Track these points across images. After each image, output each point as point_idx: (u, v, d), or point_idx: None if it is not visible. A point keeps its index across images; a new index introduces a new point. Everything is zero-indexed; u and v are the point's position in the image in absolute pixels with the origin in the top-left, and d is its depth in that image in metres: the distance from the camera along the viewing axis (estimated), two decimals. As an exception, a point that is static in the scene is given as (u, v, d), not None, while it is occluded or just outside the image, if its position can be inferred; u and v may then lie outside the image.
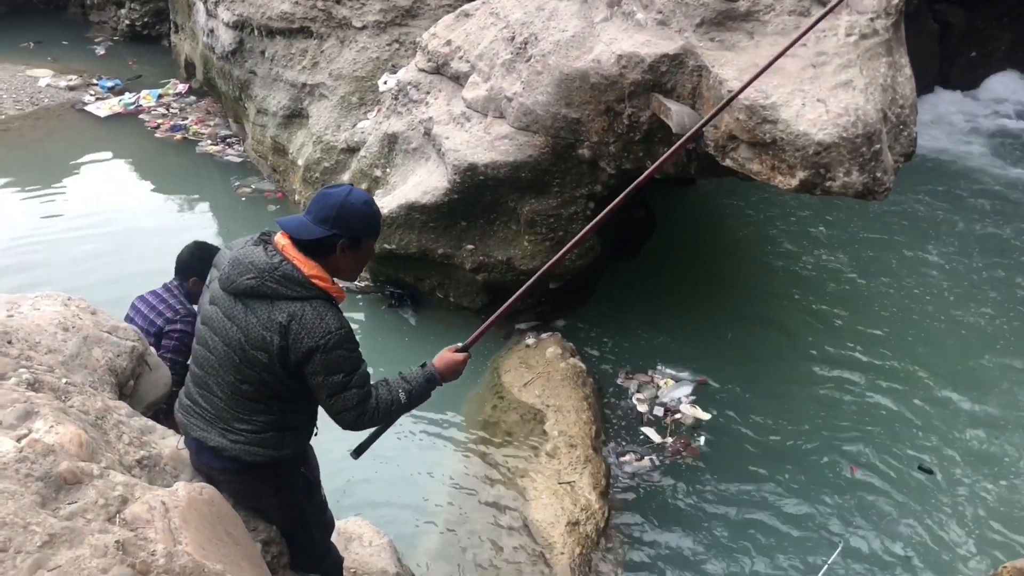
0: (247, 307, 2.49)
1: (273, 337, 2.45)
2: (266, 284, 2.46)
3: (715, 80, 5.28)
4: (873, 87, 5.13)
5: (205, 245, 4.35)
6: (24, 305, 3.12)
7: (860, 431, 6.09)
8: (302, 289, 2.47)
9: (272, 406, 2.60)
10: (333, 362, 2.48)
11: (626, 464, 5.76)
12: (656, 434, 6.02)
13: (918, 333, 7.12)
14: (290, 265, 2.48)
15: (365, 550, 3.74)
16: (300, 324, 2.44)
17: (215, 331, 2.57)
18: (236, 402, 2.59)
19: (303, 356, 2.46)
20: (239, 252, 2.55)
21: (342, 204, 2.51)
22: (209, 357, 2.60)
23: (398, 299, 7.31)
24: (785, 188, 5.15)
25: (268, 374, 2.52)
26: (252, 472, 2.66)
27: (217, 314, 2.57)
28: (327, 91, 8.46)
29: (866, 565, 5.09)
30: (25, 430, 2.24)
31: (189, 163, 10.11)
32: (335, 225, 2.49)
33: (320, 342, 2.44)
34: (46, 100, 11.68)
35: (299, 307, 2.45)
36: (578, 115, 5.95)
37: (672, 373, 6.60)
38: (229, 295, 2.53)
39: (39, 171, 9.76)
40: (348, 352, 2.51)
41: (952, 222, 8.84)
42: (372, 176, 7.48)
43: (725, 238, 8.54)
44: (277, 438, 2.64)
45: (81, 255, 7.93)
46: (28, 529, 1.83)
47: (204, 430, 2.63)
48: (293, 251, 2.50)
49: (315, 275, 2.49)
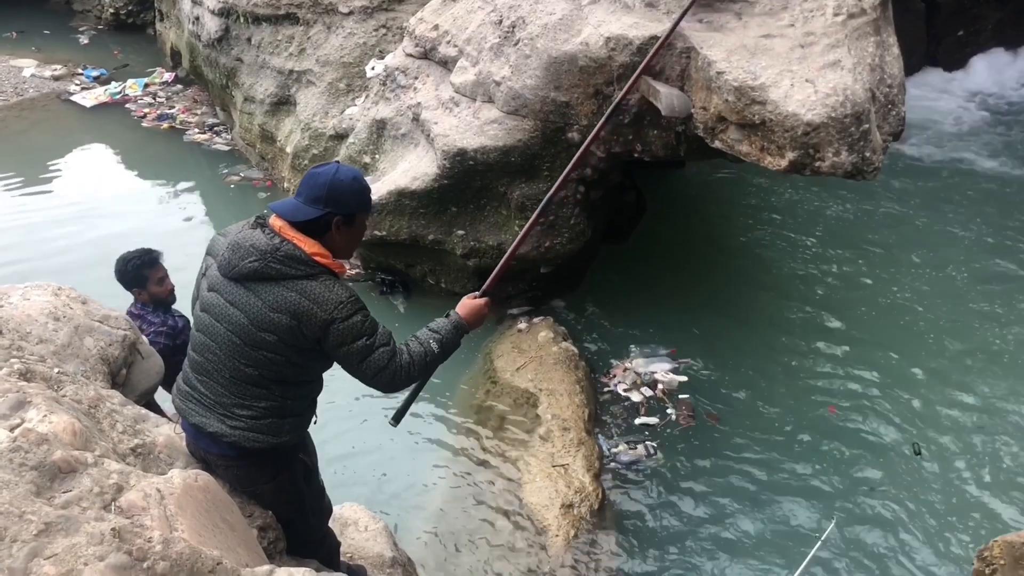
0: (251, 290, 2.50)
1: (282, 318, 2.46)
2: (270, 266, 2.47)
3: (704, 62, 5.28)
4: (861, 67, 5.14)
5: (126, 255, 4.45)
6: (14, 295, 3.11)
7: (847, 409, 6.13)
8: (306, 267, 2.49)
9: (274, 391, 2.60)
10: (352, 329, 2.50)
11: (621, 455, 5.76)
12: (655, 419, 6.05)
13: (907, 316, 7.15)
14: (291, 245, 2.49)
15: (361, 535, 3.75)
16: (311, 300, 2.46)
17: (217, 317, 2.56)
18: (238, 387, 2.59)
19: (320, 331, 2.48)
20: (238, 237, 2.54)
21: (332, 182, 2.51)
22: (209, 343, 2.59)
23: (389, 286, 7.30)
24: (774, 169, 5.15)
25: (275, 354, 2.52)
26: (250, 458, 2.66)
27: (218, 300, 2.56)
28: (314, 78, 8.42)
29: (858, 536, 5.13)
30: (18, 420, 2.23)
31: (176, 152, 10.07)
32: (328, 204, 2.51)
33: (334, 314, 2.47)
34: (31, 90, 11.60)
35: (306, 284, 2.47)
36: (567, 98, 5.94)
37: (647, 351, 6.65)
38: (230, 280, 2.53)
39: (25, 162, 9.71)
40: (364, 317, 2.54)
41: (941, 203, 8.87)
42: (361, 162, 7.46)
43: (715, 221, 8.56)
44: (276, 424, 2.64)
45: (70, 245, 7.90)
46: (23, 518, 1.83)
47: (203, 416, 2.63)
48: (291, 231, 2.52)
49: (316, 252, 2.52)
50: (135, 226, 8.39)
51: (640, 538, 5.22)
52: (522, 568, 4.87)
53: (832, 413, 6.01)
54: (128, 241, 7.91)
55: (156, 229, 8.33)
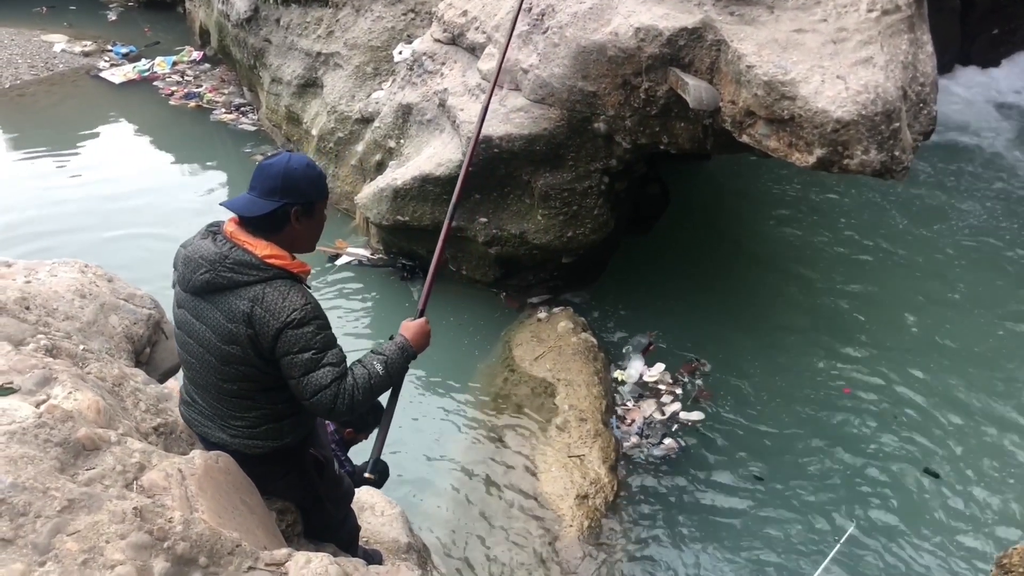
0: (210, 303, 2.41)
1: (240, 328, 2.36)
2: (220, 275, 2.36)
3: (734, 55, 5.23)
4: (894, 64, 5.07)
5: None
6: (41, 272, 3.14)
7: (868, 411, 6.09)
8: (258, 272, 2.37)
9: (259, 400, 2.53)
10: (301, 338, 2.36)
11: (653, 448, 5.77)
12: (677, 404, 6.12)
13: (932, 319, 7.08)
14: (240, 250, 2.38)
15: (377, 519, 3.77)
16: (263, 307, 2.34)
17: (189, 334, 2.49)
18: (225, 400, 2.53)
19: (272, 339, 2.36)
20: (189, 249, 2.46)
21: (285, 172, 2.41)
22: (191, 360, 2.53)
23: (409, 271, 7.31)
24: (802, 165, 5.11)
25: (247, 367, 2.43)
26: (257, 461, 2.62)
27: (186, 316, 2.49)
28: (342, 60, 8.42)
29: (875, 539, 5.11)
30: (44, 396, 2.26)
31: (203, 131, 10.11)
32: (284, 194, 2.39)
33: (285, 319, 2.33)
34: (61, 66, 11.68)
35: (259, 290, 2.35)
36: (594, 88, 5.90)
37: (631, 347, 6.66)
38: (191, 295, 2.45)
39: (54, 137, 9.79)
40: (318, 328, 2.39)
41: (970, 205, 8.73)
42: (386, 147, 7.46)
43: (739, 213, 8.49)
44: (275, 429, 2.59)
45: (95, 223, 7.97)
46: (48, 494, 1.85)
47: (205, 425, 2.60)
48: (243, 235, 2.41)
49: (269, 255, 2.39)
50: (160, 204, 8.46)
51: (653, 531, 5.22)
52: (535, 557, 4.88)
53: (847, 394, 6.01)
54: (152, 218, 8.06)
55: (179, 207, 8.40)
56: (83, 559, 1.77)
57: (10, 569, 1.68)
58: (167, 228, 7.69)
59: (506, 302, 7.13)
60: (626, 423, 5.97)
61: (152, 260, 6.93)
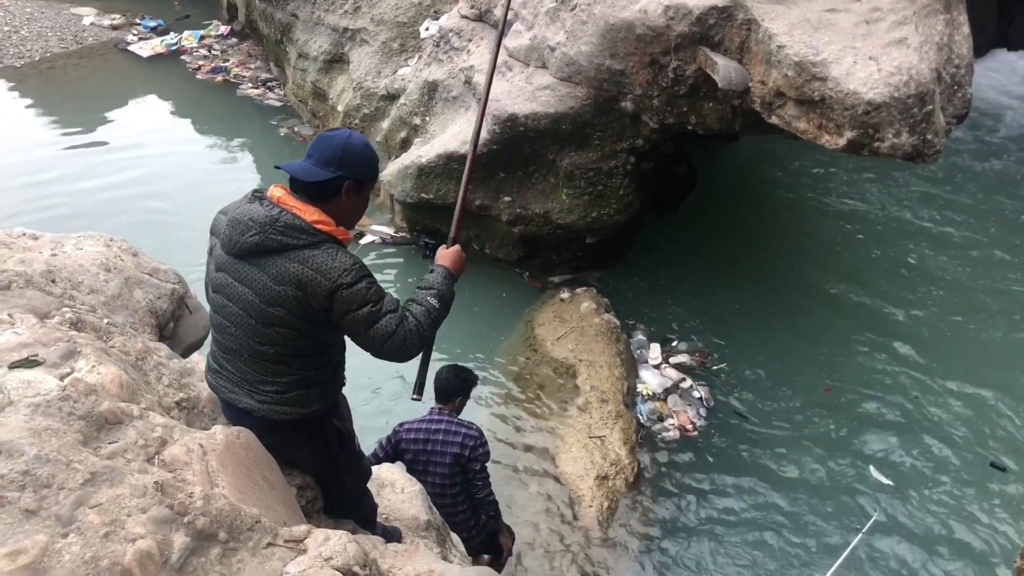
0: (255, 265, 2.45)
1: (288, 289, 2.41)
2: (271, 237, 2.41)
3: (764, 34, 5.14)
4: (928, 45, 4.97)
5: (462, 368, 4.44)
6: (67, 245, 3.15)
7: (891, 402, 6.03)
8: (308, 236, 2.43)
9: (293, 364, 2.58)
10: (357, 295, 2.44)
11: (663, 432, 5.76)
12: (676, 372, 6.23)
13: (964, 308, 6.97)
14: (291, 214, 2.43)
15: (397, 496, 3.77)
16: (314, 269, 2.40)
17: (228, 297, 2.53)
18: (258, 365, 2.57)
19: (326, 300, 2.42)
20: (236, 212, 2.49)
21: (345, 145, 2.47)
22: (226, 324, 2.56)
23: (432, 249, 7.30)
24: (832, 148, 5.03)
25: (287, 328, 2.48)
26: (283, 428, 2.66)
27: (226, 279, 2.52)
28: (368, 36, 8.38)
29: (897, 531, 5.07)
30: (68, 369, 2.27)
31: (229, 105, 10.14)
32: (340, 166, 2.46)
33: (339, 281, 2.41)
34: (90, 39, 11.74)
35: (309, 254, 2.41)
36: (622, 67, 5.84)
37: None
38: (235, 258, 2.48)
39: (82, 109, 9.86)
40: (369, 284, 2.47)
41: (1006, 195, 8.58)
42: (411, 124, 7.43)
43: (765, 195, 8.40)
44: (303, 396, 2.63)
45: (121, 196, 8.02)
46: (71, 467, 1.85)
47: (232, 392, 2.63)
48: (291, 200, 2.46)
49: (317, 220, 2.45)
50: (185, 177, 8.50)
51: (672, 512, 5.21)
52: (554, 536, 4.89)
53: (828, 394, 5.95)
54: (178, 192, 8.10)
55: (205, 180, 8.44)
56: (105, 532, 1.78)
57: (33, 540, 1.69)
58: (191, 202, 7.74)
59: (529, 281, 7.11)
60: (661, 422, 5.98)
61: (176, 234, 6.98)
